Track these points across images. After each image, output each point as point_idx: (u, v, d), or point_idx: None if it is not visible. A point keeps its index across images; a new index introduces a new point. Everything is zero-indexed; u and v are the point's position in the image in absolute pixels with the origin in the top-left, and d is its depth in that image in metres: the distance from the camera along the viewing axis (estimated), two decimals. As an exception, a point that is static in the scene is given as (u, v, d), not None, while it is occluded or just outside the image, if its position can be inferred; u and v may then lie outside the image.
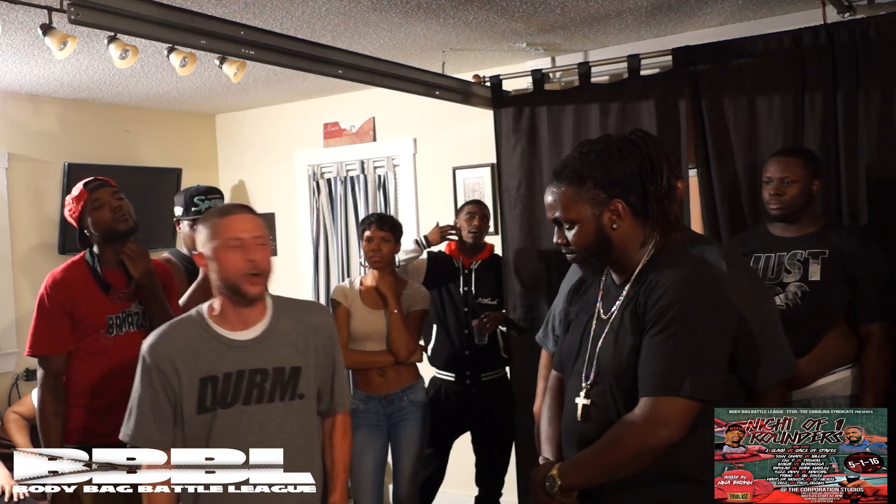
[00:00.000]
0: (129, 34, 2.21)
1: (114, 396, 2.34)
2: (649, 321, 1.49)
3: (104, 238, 2.42)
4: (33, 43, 3.09)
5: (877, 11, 2.81)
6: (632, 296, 1.56)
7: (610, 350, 1.55)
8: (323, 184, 4.74)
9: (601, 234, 1.58)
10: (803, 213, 2.51)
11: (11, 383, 3.99)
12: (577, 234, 1.59)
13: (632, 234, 1.59)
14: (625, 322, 1.54)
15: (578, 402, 1.58)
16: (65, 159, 4.19)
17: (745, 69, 2.87)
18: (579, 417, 1.58)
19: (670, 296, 1.47)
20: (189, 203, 2.78)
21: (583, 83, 3.21)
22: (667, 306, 1.46)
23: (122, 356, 2.36)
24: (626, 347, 1.52)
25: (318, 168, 4.77)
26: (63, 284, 2.34)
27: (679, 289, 1.48)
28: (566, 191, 1.59)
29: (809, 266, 2.44)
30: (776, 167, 2.50)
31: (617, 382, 1.52)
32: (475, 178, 4.15)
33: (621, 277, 1.62)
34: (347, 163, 4.66)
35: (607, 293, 1.65)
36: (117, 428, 2.31)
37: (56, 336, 2.31)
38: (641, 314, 1.51)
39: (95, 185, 2.44)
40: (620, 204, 1.56)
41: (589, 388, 1.57)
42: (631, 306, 1.54)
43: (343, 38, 3.22)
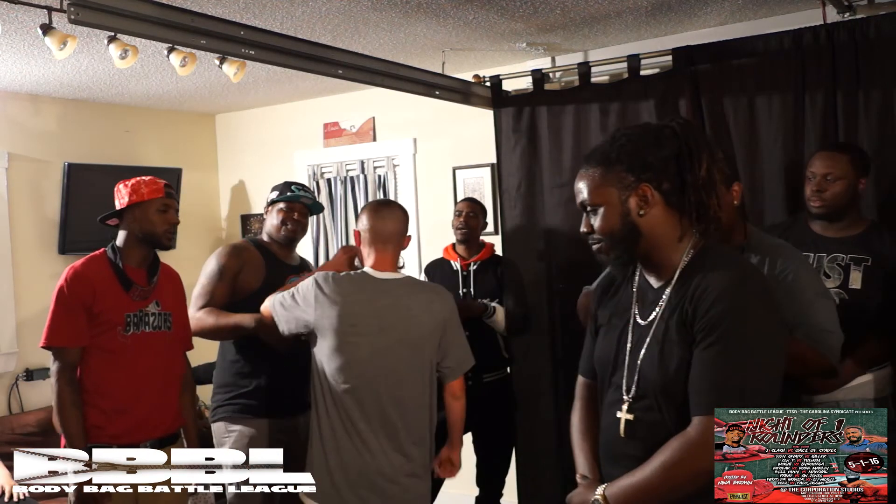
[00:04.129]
0: (129, 34, 2.21)
1: (125, 397, 2.34)
2: (699, 332, 1.38)
3: (142, 239, 2.42)
4: (33, 43, 3.09)
5: (877, 11, 2.81)
6: (676, 302, 1.44)
7: (655, 362, 1.44)
8: (323, 184, 4.74)
9: (627, 220, 1.47)
10: (846, 213, 2.39)
11: (11, 383, 3.99)
12: (602, 218, 1.49)
13: (664, 226, 1.48)
14: (670, 332, 1.43)
15: (621, 416, 1.48)
16: (65, 159, 4.19)
17: (745, 69, 2.86)
18: (622, 433, 1.47)
19: (722, 304, 1.36)
20: (286, 189, 2.84)
21: (583, 83, 3.21)
22: (718, 316, 1.35)
23: (137, 356, 2.36)
24: (673, 360, 1.41)
25: (318, 168, 4.77)
26: (84, 277, 2.33)
27: (731, 296, 1.37)
28: (594, 172, 1.50)
29: (850, 273, 2.32)
30: (820, 163, 2.39)
31: (665, 398, 1.42)
32: (475, 178, 4.15)
33: (659, 279, 1.51)
34: (347, 163, 4.66)
35: (643, 296, 1.54)
36: (127, 430, 2.31)
37: (73, 329, 2.29)
38: (689, 324, 1.40)
39: (171, 193, 2.48)
40: (649, 189, 1.46)
41: (632, 401, 1.46)
42: (677, 314, 1.42)
43: (343, 38, 3.22)
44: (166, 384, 2.44)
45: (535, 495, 3.31)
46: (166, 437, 2.42)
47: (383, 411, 2.19)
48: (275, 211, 2.82)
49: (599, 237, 1.51)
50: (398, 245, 2.35)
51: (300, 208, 2.82)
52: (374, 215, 2.32)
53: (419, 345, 2.25)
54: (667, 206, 1.47)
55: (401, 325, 2.22)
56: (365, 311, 2.21)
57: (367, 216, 2.33)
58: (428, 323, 2.26)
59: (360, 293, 2.22)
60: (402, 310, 2.23)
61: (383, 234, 2.30)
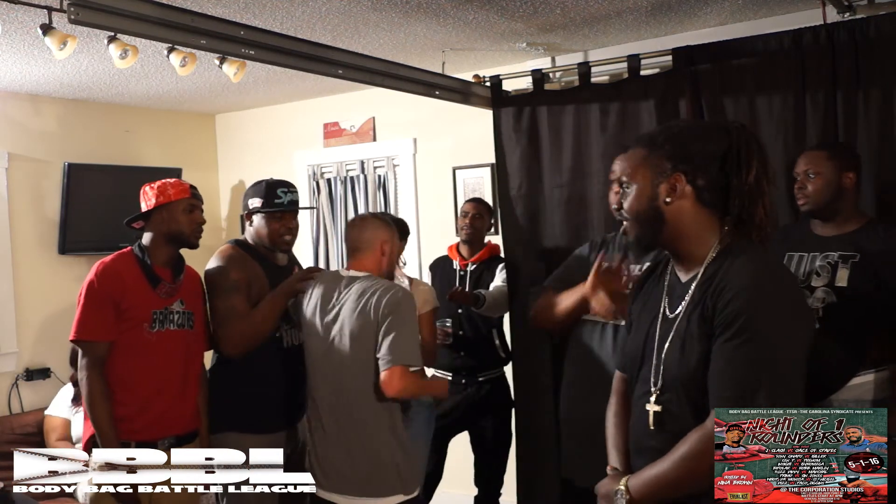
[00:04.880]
0: (129, 34, 2.21)
1: (147, 393, 2.35)
2: (718, 327, 1.38)
3: (170, 239, 2.44)
4: (33, 43, 3.09)
5: (877, 11, 2.81)
6: (699, 298, 1.44)
7: (676, 356, 1.45)
8: (323, 184, 4.74)
9: (653, 204, 1.48)
10: (837, 210, 2.39)
11: (11, 383, 3.99)
12: (633, 197, 1.51)
13: (692, 220, 1.48)
14: (692, 327, 1.43)
15: (649, 409, 1.49)
16: (65, 159, 4.19)
17: (745, 69, 2.86)
18: (651, 425, 1.48)
19: (741, 299, 1.36)
20: (271, 195, 2.61)
21: (583, 83, 3.21)
22: (737, 311, 1.35)
23: (162, 353, 2.38)
24: (693, 355, 1.42)
25: (318, 168, 4.77)
26: (113, 272, 2.35)
27: (751, 290, 1.36)
28: (636, 152, 1.52)
29: (838, 271, 2.31)
30: (802, 161, 2.44)
31: (686, 391, 1.43)
32: (475, 178, 4.15)
33: (686, 273, 1.51)
34: (347, 163, 4.66)
35: (672, 291, 1.54)
36: (146, 426, 2.32)
37: (103, 323, 2.30)
38: (710, 318, 1.40)
39: (196, 194, 2.51)
40: (681, 180, 1.46)
41: (658, 394, 1.48)
42: (699, 309, 1.43)
43: (343, 38, 3.22)
44: (186, 382, 2.45)
45: (533, 494, 3.31)
46: (184, 435, 2.43)
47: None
48: (264, 219, 2.60)
49: (626, 215, 1.53)
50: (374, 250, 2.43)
51: (291, 213, 2.65)
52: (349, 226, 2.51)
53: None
54: (697, 201, 1.47)
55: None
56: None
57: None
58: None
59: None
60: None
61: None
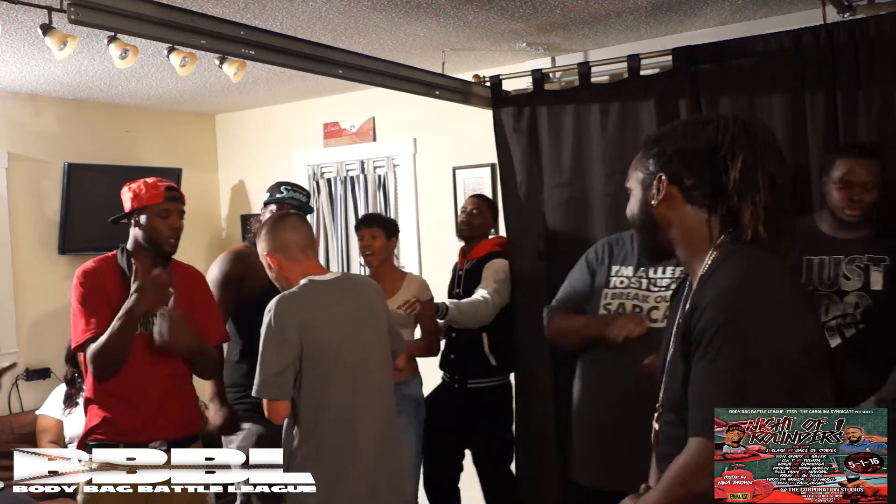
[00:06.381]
0: (129, 34, 2.22)
1: (132, 397, 2.33)
2: (693, 344, 1.27)
3: (147, 242, 2.40)
4: (33, 43, 3.09)
5: (877, 11, 2.81)
6: (688, 311, 1.32)
7: (669, 375, 1.36)
8: (323, 184, 4.74)
9: (644, 208, 1.41)
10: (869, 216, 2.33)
11: (11, 383, 3.99)
12: (630, 202, 1.45)
13: (682, 223, 1.37)
14: (676, 343, 1.33)
15: (655, 425, 1.42)
16: (65, 159, 4.19)
17: (745, 69, 2.86)
18: (655, 444, 1.42)
19: (711, 312, 1.24)
20: (275, 189, 2.90)
21: (583, 83, 3.21)
22: (706, 327, 1.24)
23: (143, 357, 2.34)
24: (679, 374, 1.31)
25: (317, 168, 4.77)
26: (95, 272, 2.36)
27: (724, 303, 1.24)
28: (637, 155, 1.45)
29: (871, 274, 2.24)
30: (859, 170, 2.27)
31: (677, 412, 1.34)
32: (475, 178, 4.15)
33: (693, 281, 1.39)
34: (347, 163, 4.66)
35: (686, 300, 1.43)
36: (132, 429, 2.31)
37: (101, 322, 2.28)
38: (688, 335, 1.29)
39: (173, 196, 2.43)
40: (664, 181, 1.36)
41: (661, 412, 1.40)
42: (683, 325, 1.32)
43: (343, 38, 3.22)
44: (174, 386, 2.41)
45: (534, 496, 3.30)
46: (176, 440, 2.36)
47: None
48: (267, 212, 2.88)
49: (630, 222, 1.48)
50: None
51: (289, 208, 2.84)
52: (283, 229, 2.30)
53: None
54: (687, 202, 1.35)
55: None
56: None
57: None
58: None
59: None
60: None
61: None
